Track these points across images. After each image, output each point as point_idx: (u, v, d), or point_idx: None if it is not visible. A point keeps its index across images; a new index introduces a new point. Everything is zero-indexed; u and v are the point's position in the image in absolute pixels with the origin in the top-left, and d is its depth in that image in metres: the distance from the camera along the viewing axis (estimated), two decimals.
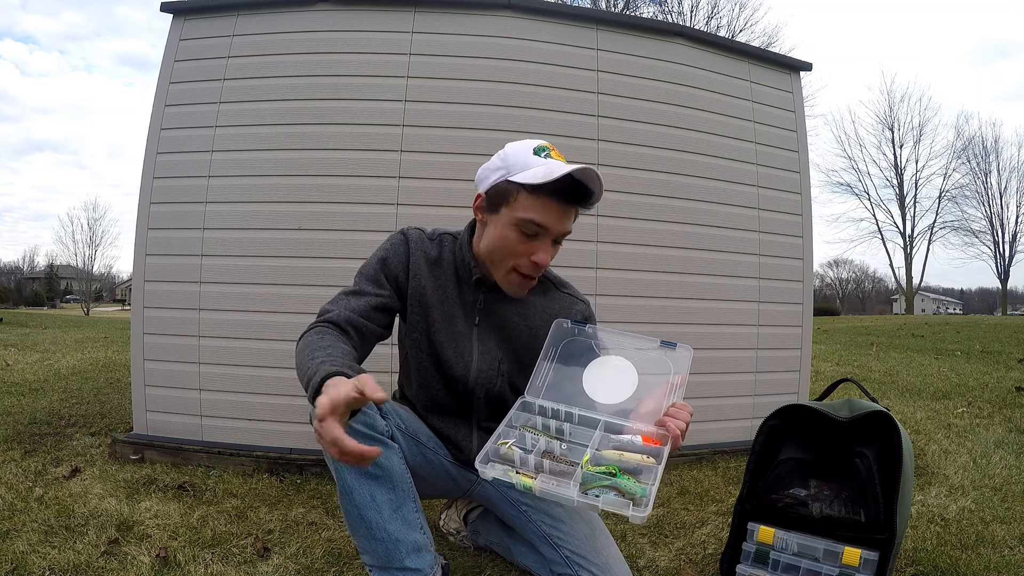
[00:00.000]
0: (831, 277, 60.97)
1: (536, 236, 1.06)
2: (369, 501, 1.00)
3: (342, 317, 1.10)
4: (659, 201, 2.37)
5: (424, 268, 1.18)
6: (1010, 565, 1.41)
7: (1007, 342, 7.80)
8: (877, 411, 1.24)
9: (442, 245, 1.21)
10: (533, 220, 1.04)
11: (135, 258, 2.24)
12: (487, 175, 1.11)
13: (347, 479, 1.00)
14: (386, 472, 1.01)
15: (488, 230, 1.11)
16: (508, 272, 1.11)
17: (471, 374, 1.19)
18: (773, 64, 2.65)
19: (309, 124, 2.20)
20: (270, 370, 2.15)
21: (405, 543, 1.02)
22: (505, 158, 1.08)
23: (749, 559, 1.27)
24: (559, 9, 2.36)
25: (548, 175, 1.00)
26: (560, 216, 1.06)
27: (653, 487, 0.91)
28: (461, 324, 1.19)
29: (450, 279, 1.19)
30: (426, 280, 1.17)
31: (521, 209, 1.05)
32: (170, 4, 2.29)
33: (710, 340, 2.41)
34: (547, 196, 1.03)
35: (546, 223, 1.05)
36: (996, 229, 30.13)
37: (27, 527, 1.49)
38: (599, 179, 1.02)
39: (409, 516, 1.04)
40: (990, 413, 3.23)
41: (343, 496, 1.01)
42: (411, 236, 1.19)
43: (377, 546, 1.01)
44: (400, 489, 1.03)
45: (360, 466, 0.95)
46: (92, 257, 33.44)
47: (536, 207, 1.04)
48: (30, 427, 2.60)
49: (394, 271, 1.17)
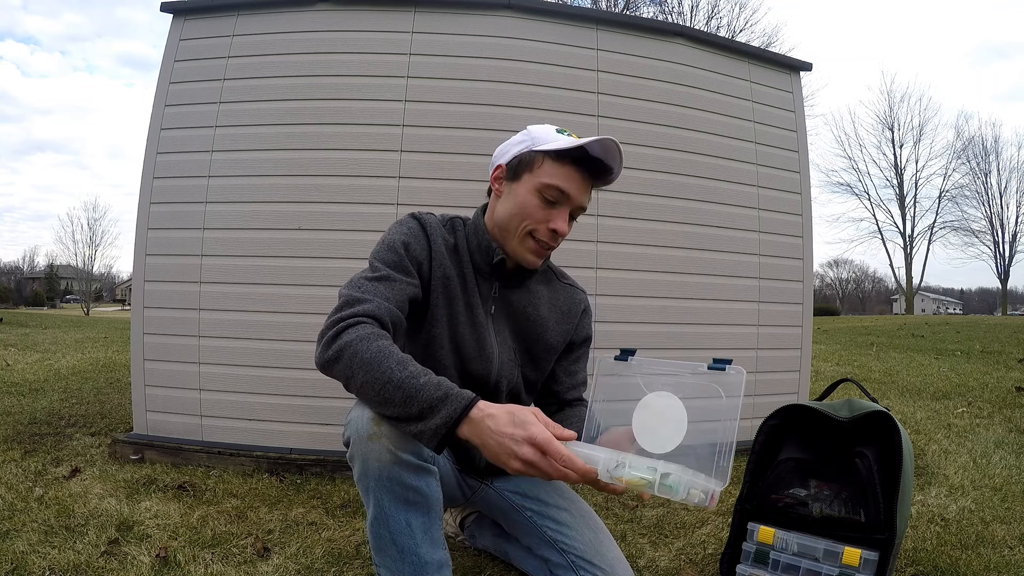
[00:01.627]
0: (831, 277, 61.07)
1: (556, 203, 1.08)
2: (404, 527, 0.96)
3: (383, 310, 0.97)
4: (659, 201, 2.37)
5: (446, 255, 1.12)
6: (1010, 565, 1.41)
7: (1007, 342, 7.80)
8: (877, 411, 1.24)
9: (455, 230, 1.17)
10: (557, 186, 1.06)
11: (135, 258, 2.24)
12: (508, 148, 1.13)
13: (385, 506, 0.95)
14: (425, 498, 0.97)
15: (506, 199, 1.12)
16: (524, 237, 1.10)
17: (494, 367, 1.16)
18: (773, 64, 2.65)
19: (309, 124, 2.20)
20: (270, 370, 2.15)
21: (432, 563, 0.99)
22: (529, 133, 1.12)
23: (749, 559, 1.27)
24: (559, 9, 2.36)
25: (571, 143, 1.05)
26: (581, 186, 1.08)
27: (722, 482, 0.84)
28: (480, 314, 1.15)
29: (467, 266, 1.15)
30: (449, 269, 1.12)
31: (545, 175, 1.07)
32: (170, 4, 2.29)
33: (710, 340, 2.41)
34: (571, 164, 1.07)
35: (568, 190, 1.07)
36: (996, 229, 30.19)
37: (27, 527, 1.49)
38: (620, 153, 1.06)
39: (436, 535, 1.00)
40: (990, 413, 3.23)
41: (378, 521, 0.96)
42: (427, 221, 1.13)
43: (405, 568, 0.98)
44: (433, 511, 0.99)
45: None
46: (92, 257, 33.48)
47: (560, 174, 1.07)
48: (30, 427, 2.60)
49: (419, 257, 1.09)
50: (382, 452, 0.90)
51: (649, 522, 1.71)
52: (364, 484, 0.95)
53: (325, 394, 2.12)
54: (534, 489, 1.24)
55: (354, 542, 1.51)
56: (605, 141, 1.03)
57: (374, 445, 0.91)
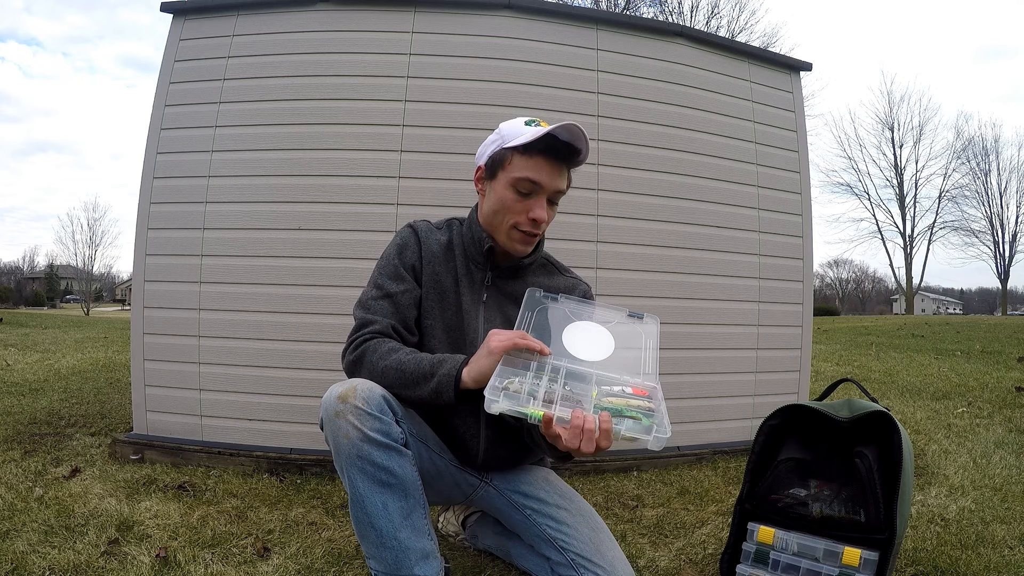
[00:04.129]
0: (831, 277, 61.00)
1: (531, 194, 1.15)
2: (381, 510, 1.01)
3: (387, 326, 1.15)
4: (659, 201, 2.37)
5: (438, 254, 1.23)
6: (1010, 565, 1.41)
7: (1007, 342, 7.80)
8: (877, 411, 1.24)
9: (451, 229, 1.28)
10: (527, 178, 1.13)
11: (135, 258, 2.24)
12: (484, 149, 1.21)
13: (359, 487, 1.00)
14: (399, 480, 1.02)
15: (488, 198, 1.20)
16: (509, 230, 1.18)
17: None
18: (773, 64, 2.65)
19: (309, 124, 2.20)
20: (270, 370, 2.15)
21: (414, 551, 1.02)
22: (500, 131, 1.19)
23: (749, 559, 1.27)
24: (559, 9, 2.36)
25: (535, 135, 1.11)
26: (551, 173, 1.14)
27: (664, 416, 0.92)
28: (467, 302, 1.22)
29: (460, 259, 1.24)
30: (440, 266, 1.23)
31: (515, 169, 1.14)
32: (170, 4, 2.29)
33: (710, 340, 2.41)
34: (537, 154, 1.13)
35: (538, 179, 1.13)
36: (996, 229, 30.17)
37: (27, 527, 1.49)
38: (584, 135, 1.11)
39: (419, 523, 1.04)
40: (990, 413, 3.23)
41: (354, 504, 1.01)
42: (419, 227, 1.26)
43: (386, 553, 1.01)
44: (412, 497, 1.03)
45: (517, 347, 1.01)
46: (92, 257, 33.46)
47: (528, 166, 1.13)
48: (30, 427, 2.60)
49: (410, 259, 1.22)
50: (348, 428, 0.98)
51: (649, 522, 1.71)
52: (339, 464, 1.03)
53: None
54: (534, 488, 1.25)
55: (354, 542, 1.51)
56: (568, 126, 1.10)
57: (340, 422, 0.99)
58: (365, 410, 0.99)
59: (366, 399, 1.00)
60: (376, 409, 1.00)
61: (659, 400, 0.97)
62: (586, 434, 0.88)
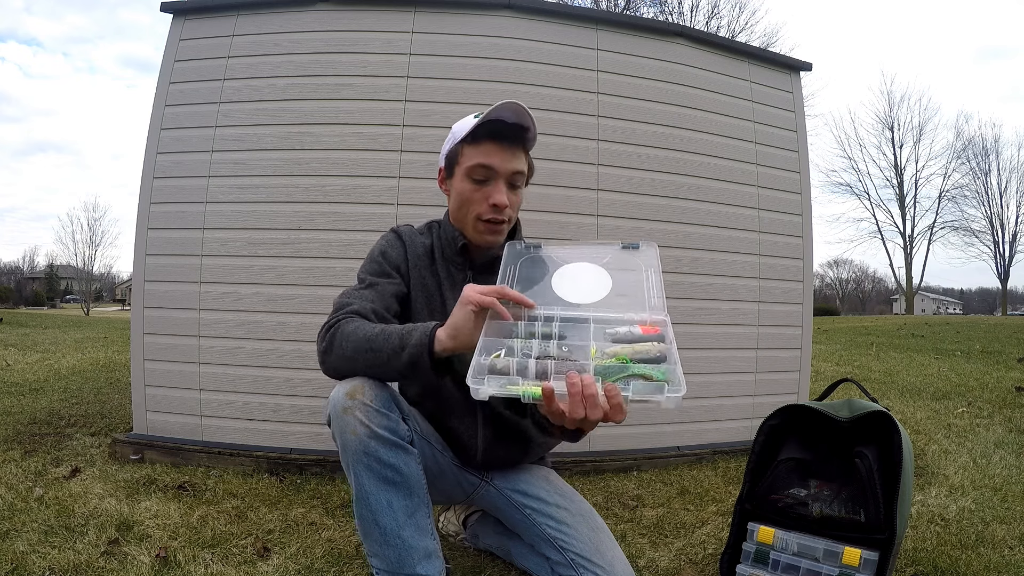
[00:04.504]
0: (831, 277, 61.00)
1: (487, 180, 1.15)
2: (385, 507, 1.00)
3: (366, 309, 1.11)
4: (659, 201, 2.37)
5: (422, 257, 1.24)
6: (1010, 565, 1.41)
7: (1007, 342, 7.80)
8: (877, 411, 1.24)
9: (431, 231, 1.30)
10: (478, 163, 1.14)
11: (135, 258, 2.24)
12: (442, 150, 1.23)
13: (365, 483, 1.00)
14: (404, 478, 1.01)
15: (451, 196, 1.22)
16: (475, 223, 1.18)
17: None
18: (773, 64, 2.64)
19: (309, 124, 2.20)
20: (270, 370, 2.15)
21: (417, 550, 1.01)
22: (452, 131, 1.21)
23: (749, 559, 1.27)
24: (559, 9, 2.36)
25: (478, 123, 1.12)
26: (502, 155, 1.14)
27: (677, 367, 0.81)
28: (452, 302, 1.19)
29: (440, 262, 1.25)
30: (425, 269, 1.23)
31: (467, 159, 1.16)
32: (170, 4, 2.29)
33: (710, 340, 2.41)
34: (485, 140, 1.14)
35: (489, 163, 1.14)
36: (996, 229, 30.18)
37: (27, 527, 1.49)
38: (527, 111, 1.11)
39: (422, 522, 1.04)
40: (990, 413, 3.23)
41: (359, 501, 1.01)
42: (402, 231, 1.27)
43: (389, 551, 1.01)
44: (416, 495, 1.03)
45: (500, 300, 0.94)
46: (92, 257, 33.48)
47: (479, 153, 1.14)
48: (30, 427, 2.60)
49: (395, 261, 1.22)
50: (356, 425, 0.98)
51: (649, 522, 1.71)
52: (345, 461, 1.02)
53: (325, 394, 2.10)
54: (534, 488, 1.25)
55: (354, 542, 1.51)
56: (509, 104, 1.10)
57: (348, 418, 0.98)
58: (373, 407, 0.99)
59: (374, 396, 1.00)
60: (384, 406, 1.00)
61: (671, 340, 0.86)
62: (588, 399, 0.80)
